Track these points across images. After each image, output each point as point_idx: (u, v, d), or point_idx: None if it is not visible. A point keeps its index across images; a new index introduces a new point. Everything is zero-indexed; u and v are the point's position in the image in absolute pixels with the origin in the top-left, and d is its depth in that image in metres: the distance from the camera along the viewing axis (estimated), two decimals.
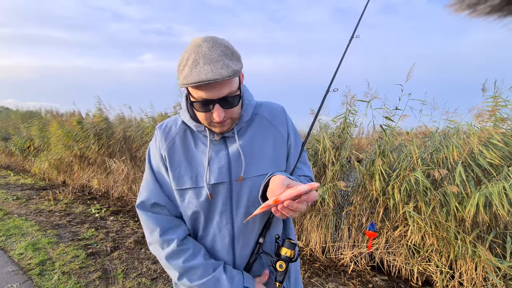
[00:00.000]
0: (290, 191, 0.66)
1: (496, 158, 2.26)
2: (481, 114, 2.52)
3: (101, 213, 4.37)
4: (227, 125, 0.81)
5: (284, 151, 0.91)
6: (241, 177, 0.82)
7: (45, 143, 6.93)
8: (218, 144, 0.85)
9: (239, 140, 0.85)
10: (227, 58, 0.72)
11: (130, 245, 3.24)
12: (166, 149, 0.86)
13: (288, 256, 0.83)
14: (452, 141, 2.47)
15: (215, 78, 0.68)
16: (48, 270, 2.67)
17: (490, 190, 2.13)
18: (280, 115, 0.93)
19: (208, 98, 0.73)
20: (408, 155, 2.70)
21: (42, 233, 3.52)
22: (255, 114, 0.90)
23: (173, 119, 0.93)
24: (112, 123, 5.62)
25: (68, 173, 6.53)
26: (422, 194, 2.47)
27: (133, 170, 5.11)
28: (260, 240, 0.86)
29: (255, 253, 0.86)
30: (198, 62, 0.70)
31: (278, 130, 0.90)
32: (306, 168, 0.98)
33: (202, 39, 0.73)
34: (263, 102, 0.94)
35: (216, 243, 0.86)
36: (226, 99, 0.75)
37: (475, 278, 2.39)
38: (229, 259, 0.86)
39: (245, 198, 0.83)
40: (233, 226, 0.84)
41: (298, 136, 0.97)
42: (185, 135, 0.88)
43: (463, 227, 2.39)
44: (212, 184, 0.82)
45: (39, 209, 4.57)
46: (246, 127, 0.88)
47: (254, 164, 0.84)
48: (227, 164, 0.83)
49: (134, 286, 2.45)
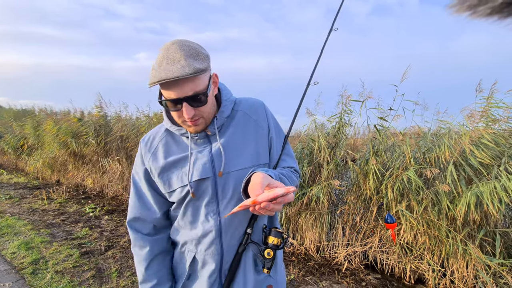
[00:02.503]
0: (267, 193, 0.69)
1: (486, 157, 2.30)
2: (472, 114, 2.56)
3: (96, 212, 4.34)
4: (200, 125, 0.84)
5: (265, 144, 0.94)
6: (221, 171, 0.86)
7: (39, 142, 6.86)
8: (202, 143, 0.89)
9: (220, 136, 0.89)
10: (190, 58, 0.75)
11: (124, 244, 3.23)
12: (151, 159, 0.92)
13: (275, 244, 0.88)
14: (444, 141, 2.51)
15: (176, 76, 0.71)
16: (41, 269, 2.65)
17: (481, 189, 2.17)
18: (260, 110, 0.96)
19: (174, 97, 0.76)
20: (401, 155, 2.74)
21: (35, 232, 3.49)
22: (235, 111, 0.93)
23: (156, 129, 0.97)
24: (110, 121, 5.59)
25: (62, 172, 6.47)
26: (415, 193, 2.50)
27: (128, 169, 5.09)
28: (248, 231, 0.90)
29: (243, 244, 0.90)
30: (162, 62, 0.74)
31: (259, 124, 0.94)
32: (290, 159, 1.01)
33: (171, 42, 0.78)
34: (242, 99, 0.98)
35: (204, 235, 0.90)
36: (193, 98, 0.77)
37: (466, 276, 2.43)
38: (217, 250, 0.89)
39: (231, 191, 0.87)
40: (219, 217, 0.88)
41: (280, 129, 1.01)
42: (168, 142, 0.92)
43: (454, 226, 2.43)
44: (197, 180, 0.86)
45: (32, 208, 4.52)
46: (228, 123, 0.92)
47: (236, 159, 0.88)
48: (210, 159, 0.87)
49: (128, 284, 2.45)
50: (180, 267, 0.97)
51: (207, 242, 0.89)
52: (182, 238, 0.95)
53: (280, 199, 0.70)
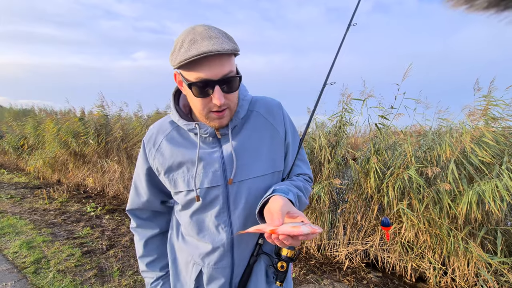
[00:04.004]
0: (290, 228, 0.63)
1: (487, 156, 2.30)
2: (473, 113, 2.56)
3: (97, 211, 4.35)
4: (225, 118, 0.76)
5: (281, 150, 0.87)
6: (231, 179, 0.78)
7: (40, 141, 6.86)
8: (211, 143, 0.81)
9: (233, 139, 0.81)
10: (225, 36, 0.70)
11: (126, 243, 3.23)
12: (156, 156, 0.85)
13: (288, 257, 0.83)
14: (445, 139, 2.51)
15: (217, 50, 0.65)
16: (43, 268, 2.66)
17: (483, 188, 2.17)
18: (277, 112, 0.88)
19: (207, 78, 0.68)
20: (402, 153, 2.74)
21: (37, 232, 3.50)
22: (250, 111, 0.85)
23: (159, 123, 0.89)
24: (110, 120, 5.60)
25: (63, 171, 6.48)
26: (416, 192, 2.50)
27: (128, 169, 5.09)
28: (260, 241, 0.85)
29: (255, 255, 0.85)
30: (196, 39, 0.67)
31: (275, 128, 0.86)
32: (305, 165, 0.94)
33: (195, 25, 0.72)
34: (259, 98, 0.90)
35: (214, 247, 0.84)
36: (226, 80, 0.70)
37: (467, 274, 2.43)
38: (227, 262, 0.84)
39: (243, 201, 0.81)
40: (231, 229, 0.82)
41: (296, 133, 0.93)
42: (174, 137, 0.84)
43: (455, 224, 2.43)
44: (206, 188, 0.80)
45: (33, 207, 4.53)
46: (241, 124, 0.83)
47: (250, 165, 0.81)
48: (221, 166, 0.80)
49: (130, 283, 2.46)
50: (184, 278, 0.92)
51: (216, 256, 0.84)
52: (187, 247, 0.89)
53: (302, 237, 0.63)
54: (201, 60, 0.67)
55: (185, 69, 0.70)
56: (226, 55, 0.68)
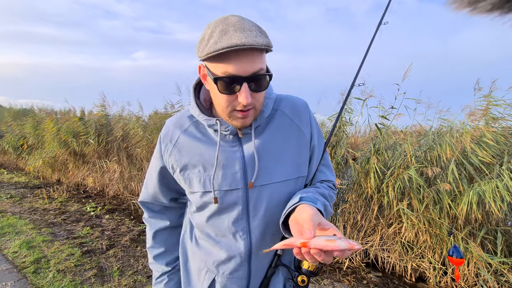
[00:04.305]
0: (324, 242, 0.56)
1: (487, 156, 2.30)
2: (473, 113, 2.56)
3: (97, 211, 4.34)
4: (249, 117, 0.71)
5: (307, 153, 0.80)
6: (251, 183, 0.73)
7: (39, 141, 6.86)
8: (232, 142, 0.75)
9: (256, 139, 0.74)
10: (258, 30, 0.63)
11: (126, 243, 3.23)
12: (172, 152, 0.79)
13: (310, 271, 0.74)
14: (445, 140, 2.51)
15: (250, 43, 0.59)
16: (43, 268, 2.65)
17: (483, 188, 2.17)
18: (303, 112, 0.81)
19: (236, 74, 0.63)
20: (402, 153, 2.74)
21: (37, 232, 3.49)
22: (275, 110, 0.79)
23: (177, 117, 0.83)
24: (111, 120, 5.60)
25: (63, 171, 6.47)
26: (416, 192, 2.50)
27: (128, 168, 5.09)
28: (279, 252, 0.79)
29: (273, 266, 0.79)
30: (227, 30, 0.61)
31: (301, 130, 0.79)
32: (329, 171, 0.88)
33: (227, 15, 0.66)
34: (284, 96, 0.83)
35: (230, 255, 0.78)
36: (255, 78, 0.64)
37: (467, 274, 2.43)
38: (244, 272, 0.79)
39: (264, 207, 0.75)
40: (250, 238, 0.76)
41: (321, 136, 0.87)
42: (192, 133, 0.79)
43: (455, 224, 2.43)
44: (225, 191, 0.74)
45: (33, 207, 4.53)
46: (265, 124, 0.77)
47: (273, 169, 0.75)
48: (242, 168, 0.74)
49: (130, 283, 2.45)
50: (196, 285, 0.87)
51: (232, 266, 0.78)
52: (201, 252, 0.84)
53: (336, 253, 0.56)
54: (231, 54, 0.61)
55: (212, 61, 0.65)
56: (258, 51, 0.63)
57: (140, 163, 5.01)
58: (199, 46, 0.66)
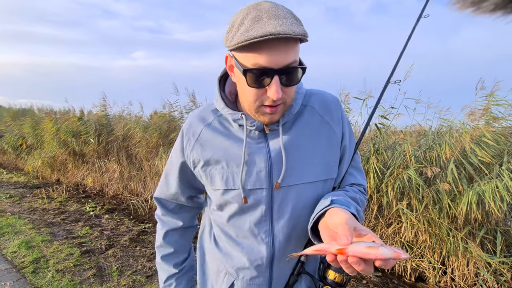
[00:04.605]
0: (365, 249, 0.49)
1: (487, 156, 2.30)
2: (473, 112, 2.56)
3: (96, 211, 4.34)
4: (278, 113, 0.66)
5: (337, 154, 0.75)
6: (278, 183, 0.68)
7: (38, 141, 6.85)
8: (257, 139, 0.71)
9: (283, 136, 0.69)
10: (293, 17, 0.58)
11: (125, 243, 3.23)
12: (195, 147, 0.75)
13: (336, 282, 0.68)
14: (444, 139, 2.51)
15: (286, 32, 0.54)
16: (42, 268, 2.65)
17: (483, 188, 2.17)
18: (334, 108, 0.75)
19: (267, 66, 0.57)
20: (402, 153, 2.73)
21: (36, 231, 3.49)
22: (304, 106, 0.74)
23: (199, 111, 0.79)
24: (112, 120, 5.60)
25: (62, 171, 6.47)
26: (415, 192, 2.50)
27: (128, 168, 5.08)
28: (302, 259, 0.73)
29: (295, 274, 0.73)
30: (261, 17, 0.56)
31: (331, 128, 0.74)
32: (359, 174, 0.81)
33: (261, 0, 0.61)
34: (314, 91, 0.78)
35: (251, 259, 0.73)
36: (288, 71, 0.59)
37: (467, 274, 2.43)
38: (265, 279, 0.74)
39: (289, 210, 0.70)
40: (273, 241, 0.72)
41: (353, 136, 0.80)
42: (216, 128, 0.74)
43: (455, 224, 2.43)
44: (248, 190, 0.70)
45: (32, 207, 4.52)
46: (293, 121, 0.72)
47: (301, 168, 0.70)
48: (268, 166, 0.69)
49: (129, 283, 2.45)
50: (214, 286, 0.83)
51: (253, 271, 0.74)
52: (220, 253, 0.80)
53: (379, 262, 0.49)
54: (263, 43, 0.56)
55: (242, 51, 0.59)
56: (293, 41, 0.58)
57: (140, 163, 5.00)
58: (228, 35, 0.61)
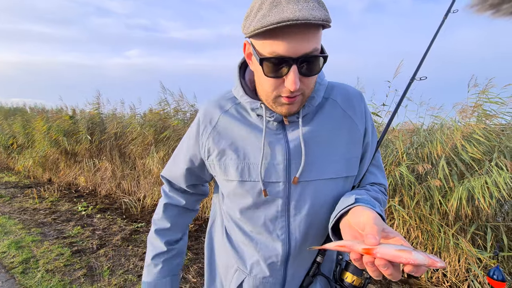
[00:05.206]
0: (396, 252, 0.44)
1: (478, 153, 2.31)
2: (464, 110, 2.57)
3: (88, 210, 4.28)
4: (296, 104, 0.62)
5: (359, 150, 0.71)
6: (296, 177, 0.65)
7: (29, 140, 6.75)
8: (276, 130, 0.67)
9: (303, 128, 0.66)
10: (316, 1, 0.53)
11: (117, 242, 3.19)
12: (211, 135, 0.72)
13: (354, 285, 0.64)
14: (436, 136, 2.52)
15: (305, 18, 0.49)
16: (31, 268, 2.61)
17: (472, 184, 2.19)
18: (357, 103, 0.72)
19: (284, 55, 0.54)
20: (394, 150, 2.74)
21: (26, 232, 3.43)
22: (325, 99, 0.70)
23: (217, 98, 0.75)
24: (105, 119, 5.53)
25: (54, 170, 6.38)
26: (407, 188, 2.51)
27: (121, 167, 5.03)
28: (319, 259, 0.69)
29: (310, 275, 0.70)
30: (279, 2, 0.52)
31: (354, 122, 0.70)
32: (380, 173, 0.78)
33: None
34: (336, 84, 0.74)
35: (266, 256, 0.70)
36: (307, 60, 0.55)
37: (458, 270, 2.45)
38: (278, 278, 0.71)
39: (307, 206, 0.66)
40: (289, 239, 0.68)
41: (375, 133, 0.76)
42: (234, 116, 0.71)
43: (446, 220, 2.45)
44: (264, 183, 0.66)
45: (23, 207, 4.45)
46: (314, 113, 0.68)
47: (321, 163, 0.66)
48: (286, 159, 0.65)
49: (120, 283, 2.42)
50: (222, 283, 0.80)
51: (267, 268, 0.70)
52: (231, 248, 0.76)
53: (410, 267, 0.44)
54: (281, 30, 0.52)
55: (259, 38, 0.56)
56: (314, 27, 0.53)
57: (133, 161, 4.95)
58: (246, 21, 0.57)
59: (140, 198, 4.50)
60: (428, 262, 0.43)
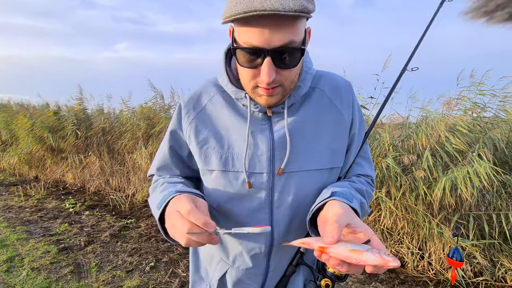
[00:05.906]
0: (347, 252, 0.45)
1: (461, 144, 2.36)
2: (449, 102, 2.62)
3: (76, 208, 4.21)
4: (275, 96, 0.60)
5: (345, 141, 0.70)
6: (281, 168, 0.63)
7: (13, 137, 6.56)
8: (261, 121, 0.66)
9: (288, 119, 0.65)
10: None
11: (105, 239, 3.15)
12: (194, 120, 0.69)
13: (336, 275, 0.65)
14: (421, 128, 2.57)
15: (275, 8, 0.47)
16: (16, 266, 2.55)
17: (455, 174, 2.24)
18: (345, 93, 0.70)
19: (257, 46, 0.52)
20: (381, 142, 2.78)
21: (11, 230, 3.35)
22: (312, 88, 0.69)
23: (203, 84, 0.73)
24: (90, 114, 5.41)
25: (41, 168, 6.23)
26: (394, 180, 2.55)
27: (109, 163, 4.95)
28: (302, 250, 0.69)
29: (293, 264, 0.70)
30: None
31: (340, 113, 0.69)
32: (368, 165, 0.77)
33: None
34: (323, 73, 0.72)
35: (249, 248, 0.69)
36: (282, 52, 0.53)
37: (443, 258, 2.52)
38: (261, 268, 0.71)
39: (291, 198, 0.66)
40: (272, 231, 0.68)
41: (363, 124, 0.75)
42: (220, 102, 0.69)
43: (431, 210, 2.50)
44: (248, 174, 0.65)
45: (8, 205, 4.34)
46: (300, 103, 0.67)
47: (306, 154, 0.65)
48: (270, 150, 0.64)
49: (108, 279, 2.40)
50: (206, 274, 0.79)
51: (250, 260, 0.70)
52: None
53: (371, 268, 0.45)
54: (254, 20, 0.50)
55: (237, 25, 0.54)
56: (289, 18, 0.50)
57: (122, 157, 4.88)
58: (225, 6, 0.54)
59: (129, 195, 4.45)
60: (380, 262, 0.43)
